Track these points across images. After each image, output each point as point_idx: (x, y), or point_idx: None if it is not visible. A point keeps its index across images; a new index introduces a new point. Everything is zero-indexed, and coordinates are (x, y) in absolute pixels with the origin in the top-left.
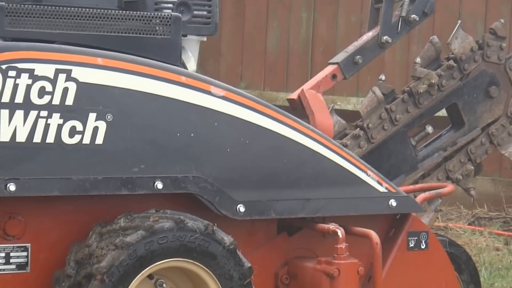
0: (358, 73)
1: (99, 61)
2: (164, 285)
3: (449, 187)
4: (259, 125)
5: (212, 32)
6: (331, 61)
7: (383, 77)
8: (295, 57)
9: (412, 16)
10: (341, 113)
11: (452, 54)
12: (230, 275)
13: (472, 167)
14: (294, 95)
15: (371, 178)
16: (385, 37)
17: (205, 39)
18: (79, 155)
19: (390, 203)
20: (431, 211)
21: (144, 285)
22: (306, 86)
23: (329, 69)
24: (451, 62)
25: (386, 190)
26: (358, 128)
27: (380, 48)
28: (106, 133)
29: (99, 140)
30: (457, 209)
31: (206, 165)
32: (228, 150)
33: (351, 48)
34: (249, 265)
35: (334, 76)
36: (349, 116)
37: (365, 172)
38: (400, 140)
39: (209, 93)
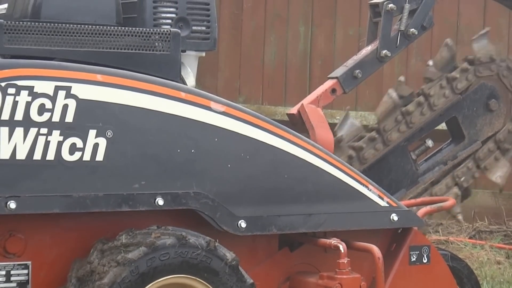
0: (356, 87)
1: (99, 77)
2: None
3: (451, 201)
4: (260, 141)
5: (211, 47)
6: (330, 75)
7: (402, 78)
8: (293, 71)
9: (411, 30)
10: None
11: (469, 56)
12: None
13: (459, 192)
14: (293, 110)
15: (372, 193)
16: (384, 51)
17: (204, 54)
18: (80, 172)
19: (391, 217)
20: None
21: None
22: (306, 101)
23: (328, 84)
24: (466, 65)
25: (387, 205)
26: (374, 131)
27: (380, 62)
28: (107, 150)
29: (100, 156)
30: (457, 223)
31: (207, 181)
32: (229, 165)
33: (350, 62)
34: (251, 281)
35: (333, 91)
36: None
37: (366, 186)
38: (401, 155)
39: (209, 108)
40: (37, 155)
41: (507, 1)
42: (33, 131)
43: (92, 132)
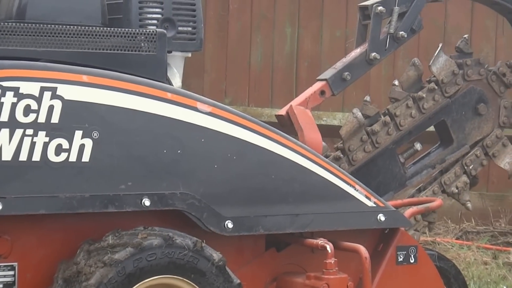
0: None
1: (84, 78)
2: None
3: (437, 201)
4: (247, 141)
5: (197, 48)
6: (319, 77)
7: (368, 98)
8: (280, 72)
9: (400, 32)
10: (327, 128)
11: (434, 77)
12: None
13: (468, 180)
14: (282, 111)
15: (359, 193)
16: (373, 54)
17: (190, 55)
18: (66, 173)
19: (378, 217)
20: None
21: None
22: (295, 102)
23: (317, 86)
24: (433, 84)
25: (374, 205)
26: (339, 151)
27: (369, 64)
28: (93, 151)
29: (86, 157)
30: (444, 224)
31: (193, 181)
32: (216, 166)
33: (339, 64)
34: (238, 281)
35: (322, 93)
36: (335, 131)
37: (353, 187)
38: (389, 157)
39: (195, 109)
40: (23, 156)
41: (497, 5)
42: (18, 132)
43: (78, 133)
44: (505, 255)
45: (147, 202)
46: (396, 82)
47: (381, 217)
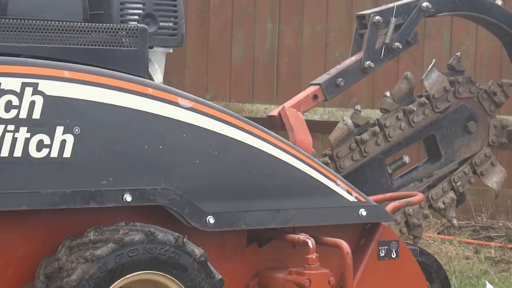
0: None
1: (66, 74)
2: None
3: (419, 196)
4: (228, 136)
5: (179, 44)
6: (313, 82)
7: (359, 107)
8: (261, 67)
9: (396, 44)
10: (308, 123)
11: (426, 91)
12: (201, 287)
13: (455, 196)
14: (274, 112)
15: (340, 188)
16: (368, 62)
17: (171, 50)
18: (47, 168)
19: (360, 212)
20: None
21: None
22: (287, 104)
23: (310, 90)
24: (424, 99)
25: (356, 200)
26: (327, 157)
27: (363, 73)
28: (74, 146)
29: (67, 153)
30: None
31: (175, 177)
32: (197, 161)
33: (333, 70)
34: (220, 277)
35: (315, 97)
36: (316, 126)
37: (335, 181)
38: (377, 167)
39: (176, 104)
40: (4, 152)
41: (492, 26)
42: (0, 128)
43: (60, 129)
44: (486, 250)
45: (128, 197)
46: (388, 94)
47: (363, 212)
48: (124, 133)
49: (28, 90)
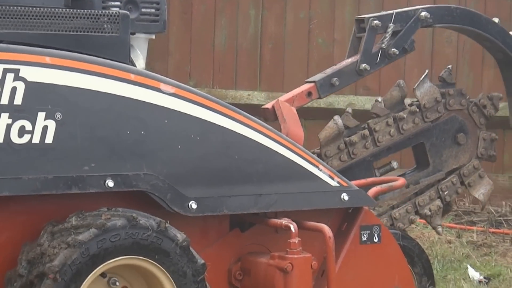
0: (307, 67)
1: (48, 60)
2: (117, 283)
3: (401, 180)
4: (210, 122)
5: (161, 30)
6: (308, 79)
7: (350, 109)
8: (244, 54)
9: (392, 49)
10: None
11: (417, 101)
12: (184, 272)
13: (441, 204)
14: (268, 105)
15: (323, 173)
16: (363, 65)
17: (153, 37)
18: (29, 154)
19: (342, 197)
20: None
21: (97, 283)
22: (282, 99)
23: (305, 87)
24: (415, 107)
25: (338, 184)
26: (316, 155)
27: (358, 75)
28: (56, 132)
29: (49, 139)
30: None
31: (157, 162)
32: (179, 147)
33: (329, 70)
34: (203, 261)
35: (309, 94)
36: (304, 112)
37: (317, 166)
38: (365, 169)
39: (158, 90)
40: None
41: (487, 42)
42: None
43: (41, 115)
44: (469, 234)
45: (110, 183)
46: (380, 99)
47: (345, 196)
48: (106, 118)
49: (10, 76)
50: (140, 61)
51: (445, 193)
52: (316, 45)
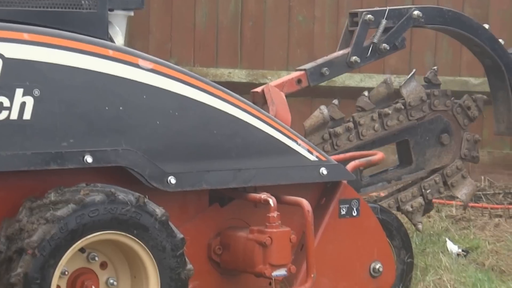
0: (288, 45)
1: (25, 36)
2: (96, 258)
3: (379, 154)
4: (188, 97)
5: (139, 6)
6: (299, 67)
7: (336, 101)
8: (225, 32)
9: (383, 45)
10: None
11: (403, 99)
12: (163, 246)
13: (423, 202)
14: (258, 89)
15: (301, 147)
16: (354, 57)
17: (132, 13)
18: (7, 131)
19: (321, 171)
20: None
21: (76, 258)
22: (272, 83)
23: (295, 74)
24: (400, 105)
25: (316, 159)
26: None
27: (348, 67)
28: (34, 109)
29: (27, 115)
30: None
31: (135, 138)
32: (158, 122)
33: (320, 60)
34: (182, 236)
35: (299, 81)
36: (338, 91)
37: (296, 141)
38: (349, 161)
39: (137, 66)
40: None
41: (476, 47)
42: None
43: (19, 91)
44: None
45: (89, 159)
46: (366, 93)
47: (323, 170)
48: (84, 94)
49: None
50: (118, 38)
51: (428, 191)
52: (296, 22)
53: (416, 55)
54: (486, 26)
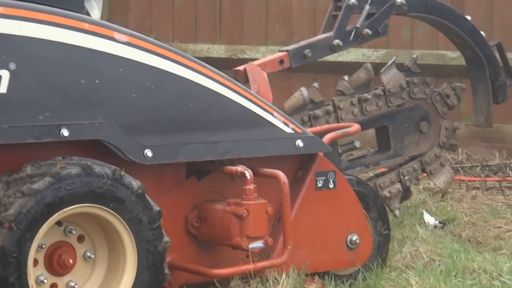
0: (266, 21)
1: (0, 10)
2: (74, 232)
3: (355, 126)
4: (164, 70)
5: None
6: (282, 48)
7: (316, 84)
8: (203, 8)
9: (366, 30)
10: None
11: (383, 85)
12: (139, 219)
13: (401, 188)
14: (240, 67)
15: (277, 120)
16: (336, 41)
17: None
18: None
19: (297, 143)
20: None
21: (53, 232)
22: (255, 63)
23: (278, 54)
24: (379, 91)
25: (292, 131)
26: None
27: (330, 50)
28: (10, 82)
29: (3, 89)
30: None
31: (112, 111)
32: (134, 95)
33: (303, 42)
34: (158, 208)
35: (281, 62)
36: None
37: (271, 113)
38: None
39: (112, 39)
40: None
41: (458, 38)
42: None
43: None
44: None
45: (65, 132)
46: (346, 78)
47: (300, 143)
48: (60, 68)
49: None
50: (95, 12)
51: (406, 177)
52: None
53: (394, 29)
54: (468, 17)
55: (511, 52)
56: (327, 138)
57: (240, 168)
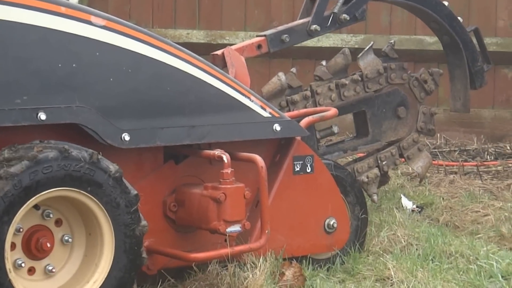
0: (245, 6)
1: None
2: (51, 215)
3: (332, 110)
4: (141, 54)
5: None
6: (259, 34)
7: (294, 70)
8: None
9: (343, 15)
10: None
11: (360, 71)
12: (117, 203)
13: (379, 174)
14: (218, 52)
15: (254, 104)
16: (314, 26)
17: None
18: None
19: (274, 127)
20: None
21: (31, 216)
22: (232, 47)
23: (256, 39)
24: (357, 76)
25: (270, 115)
26: None
27: (308, 35)
28: None
29: None
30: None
31: (89, 95)
32: (111, 79)
33: (281, 27)
34: (136, 192)
35: (259, 46)
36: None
37: (249, 97)
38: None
39: (89, 22)
40: None
41: (434, 23)
42: None
43: None
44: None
45: (42, 116)
46: (324, 63)
47: (277, 127)
48: (37, 52)
49: None
50: None
51: (384, 162)
52: None
53: (372, 14)
54: (446, 3)
55: (488, 37)
56: (304, 122)
57: (217, 152)
